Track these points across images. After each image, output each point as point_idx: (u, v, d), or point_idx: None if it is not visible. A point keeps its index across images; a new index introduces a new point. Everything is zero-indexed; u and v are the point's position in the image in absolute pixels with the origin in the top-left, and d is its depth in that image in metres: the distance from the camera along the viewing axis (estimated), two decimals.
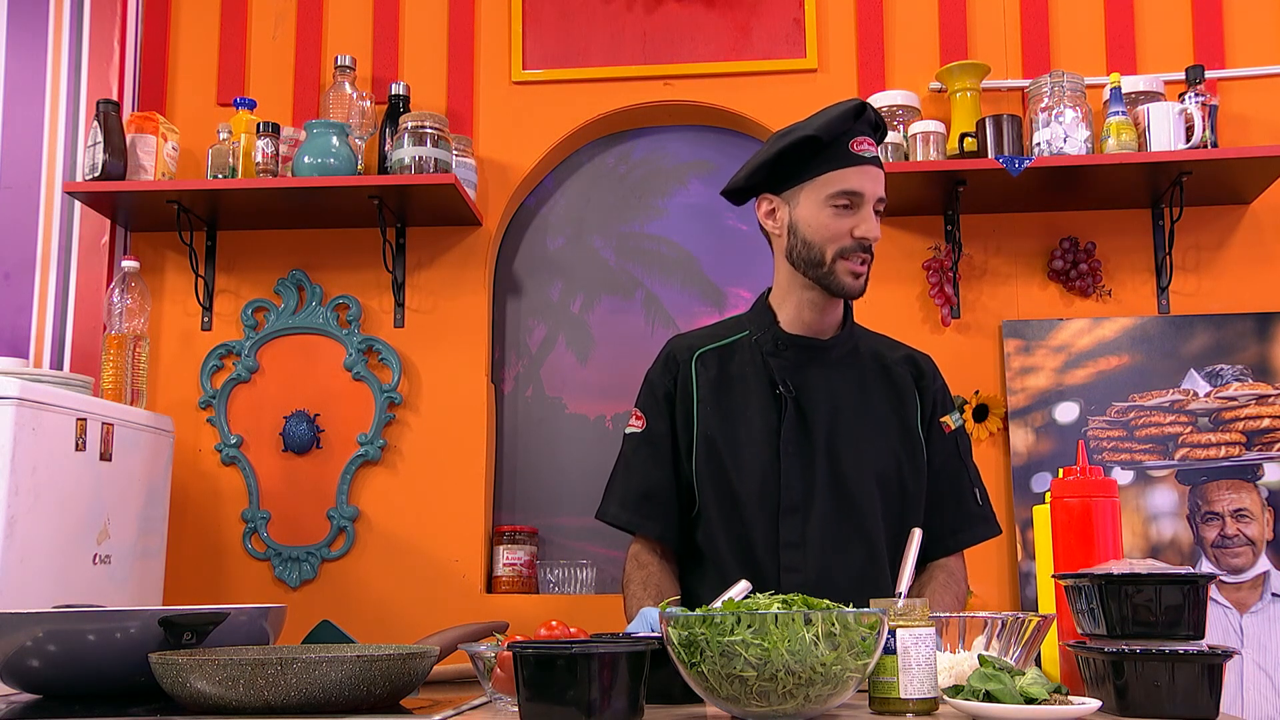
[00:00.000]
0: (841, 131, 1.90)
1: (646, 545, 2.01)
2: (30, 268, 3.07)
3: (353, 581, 2.97)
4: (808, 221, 1.92)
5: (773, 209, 1.97)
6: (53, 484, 2.39)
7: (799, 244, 1.93)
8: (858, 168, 1.90)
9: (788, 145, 1.92)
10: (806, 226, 1.92)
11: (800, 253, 1.94)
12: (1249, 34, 2.95)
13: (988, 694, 1.25)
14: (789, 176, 1.94)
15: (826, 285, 1.93)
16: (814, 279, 1.94)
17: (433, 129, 2.84)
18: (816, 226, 1.91)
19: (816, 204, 1.91)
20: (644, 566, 1.98)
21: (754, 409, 1.96)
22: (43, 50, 3.15)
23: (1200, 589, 1.33)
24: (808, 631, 1.21)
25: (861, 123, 1.92)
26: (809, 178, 1.91)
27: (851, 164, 1.90)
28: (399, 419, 3.03)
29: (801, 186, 1.92)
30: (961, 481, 2.02)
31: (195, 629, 1.47)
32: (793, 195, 1.94)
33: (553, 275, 3.17)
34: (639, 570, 1.97)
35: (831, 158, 1.90)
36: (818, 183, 1.91)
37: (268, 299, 3.09)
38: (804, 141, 1.90)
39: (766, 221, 1.98)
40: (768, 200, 1.98)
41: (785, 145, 1.92)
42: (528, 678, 1.23)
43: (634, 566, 1.99)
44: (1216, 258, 2.91)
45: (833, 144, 1.90)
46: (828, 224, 1.90)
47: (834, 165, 1.90)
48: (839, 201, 1.90)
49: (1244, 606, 2.72)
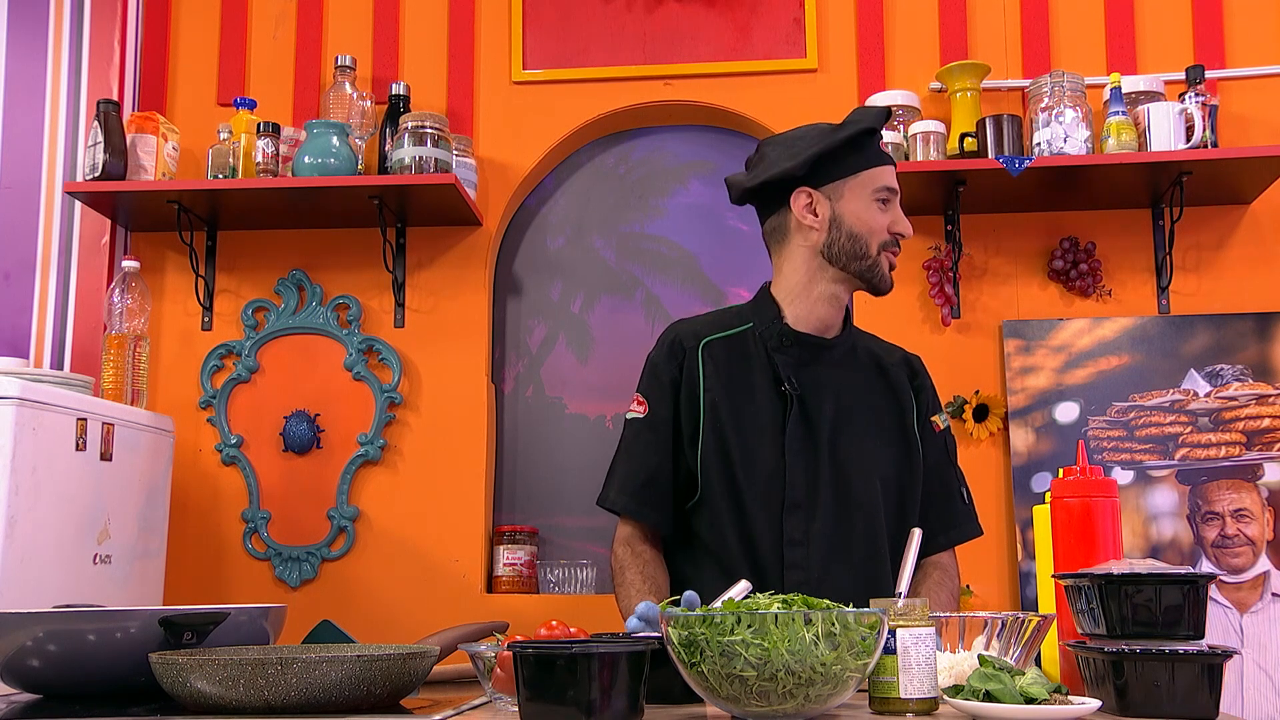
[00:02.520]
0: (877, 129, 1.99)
1: (639, 530, 2.00)
2: (31, 268, 3.07)
3: (353, 581, 2.97)
4: (856, 215, 1.97)
5: (812, 203, 1.99)
6: (53, 484, 2.40)
7: (843, 238, 1.97)
8: (890, 167, 2.00)
9: (848, 136, 1.96)
10: (855, 220, 1.97)
11: (844, 246, 1.97)
12: (1249, 34, 2.95)
13: (988, 694, 1.25)
14: (831, 170, 1.98)
15: (868, 278, 1.99)
16: (855, 272, 1.98)
17: (433, 129, 2.84)
18: (865, 220, 1.97)
19: (864, 199, 1.97)
20: (640, 556, 1.97)
21: (759, 404, 1.96)
22: (43, 50, 3.15)
23: (1200, 589, 1.33)
24: (808, 631, 1.21)
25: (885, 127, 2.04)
26: (853, 172, 1.97)
27: (886, 162, 2.00)
28: (399, 419, 3.03)
29: (845, 181, 1.97)
30: (951, 481, 2.06)
31: (195, 629, 1.47)
32: (835, 190, 1.97)
33: (553, 275, 3.17)
34: (635, 559, 1.97)
35: (871, 155, 1.99)
36: (862, 178, 1.97)
37: (268, 299, 3.09)
38: (863, 134, 1.97)
39: (805, 215, 1.98)
40: (806, 194, 1.98)
41: (845, 136, 1.96)
42: (527, 678, 1.23)
43: (629, 554, 1.98)
44: (1217, 258, 2.91)
45: (872, 141, 1.99)
46: (876, 218, 1.97)
47: (874, 163, 1.99)
48: (881, 196, 1.97)
49: (1244, 606, 2.72)
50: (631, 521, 2.01)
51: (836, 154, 1.97)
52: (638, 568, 1.96)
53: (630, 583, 1.95)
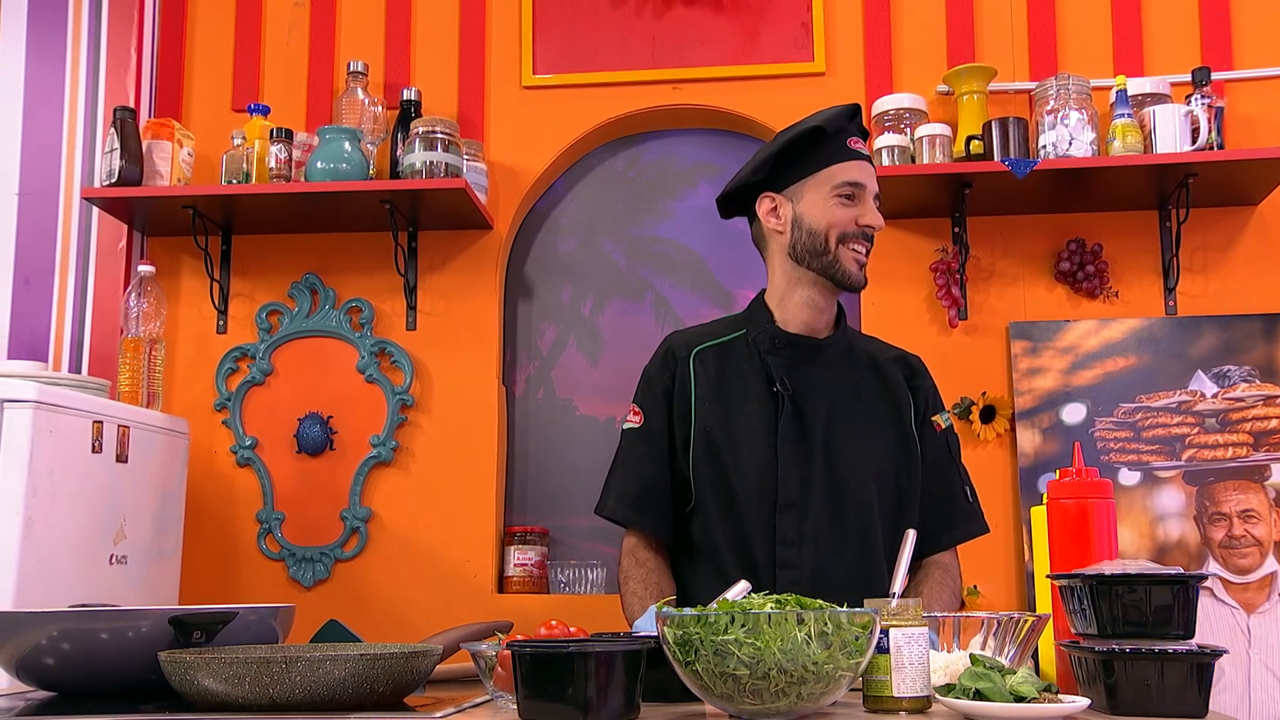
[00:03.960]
0: (839, 129, 1.99)
1: (643, 540, 2.04)
2: (49, 273, 3.12)
3: (366, 582, 3.00)
4: (814, 213, 1.98)
5: (775, 206, 2.03)
6: (70, 485, 2.44)
7: (803, 235, 1.99)
8: (856, 162, 1.99)
9: (795, 136, 1.99)
10: (812, 218, 1.98)
11: (804, 244, 1.99)
12: (1257, 35, 2.95)
13: (978, 692, 1.27)
14: (791, 172, 2.00)
15: (831, 274, 1.98)
16: (818, 269, 1.99)
17: (444, 134, 2.87)
18: (822, 216, 1.97)
19: (822, 196, 1.98)
20: (643, 564, 2.00)
21: (751, 406, 1.99)
22: (61, 59, 3.20)
23: (1190, 589, 1.34)
24: (800, 631, 1.23)
25: (854, 124, 2.02)
26: (811, 172, 1.99)
27: (850, 158, 1.99)
28: (411, 421, 3.06)
29: (804, 181, 1.99)
30: (953, 479, 2.07)
31: (204, 628, 1.50)
32: (795, 191, 2.00)
33: (563, 278, 3.19)
34: (638, 568, 2.00)
35: (832, 153, 1.99)
36: (820, 177, 1.98)
37: (282, 302, 3.13)
38: (810, 132, 1.98)
39: (769, 219, 2.03)
40: (769, 199, 2.03)
41: (792, 136, 1.99)
42: (525, 676, 1.26)
43: (632, 563, 2.01)
44: (1224, 259, 2.91)
45: (832, 139, 1.98)
46: (834, 213, 1.97)
47: (834, 160, 1.98)
48: (842, 192, 1.97)
49: (1251, 607, 2.73)
50: (635, 532, 2.05)
51: (791, 156, 1.99)
52: (640, 576, 2.00)
53: (633, 592, 1.99)
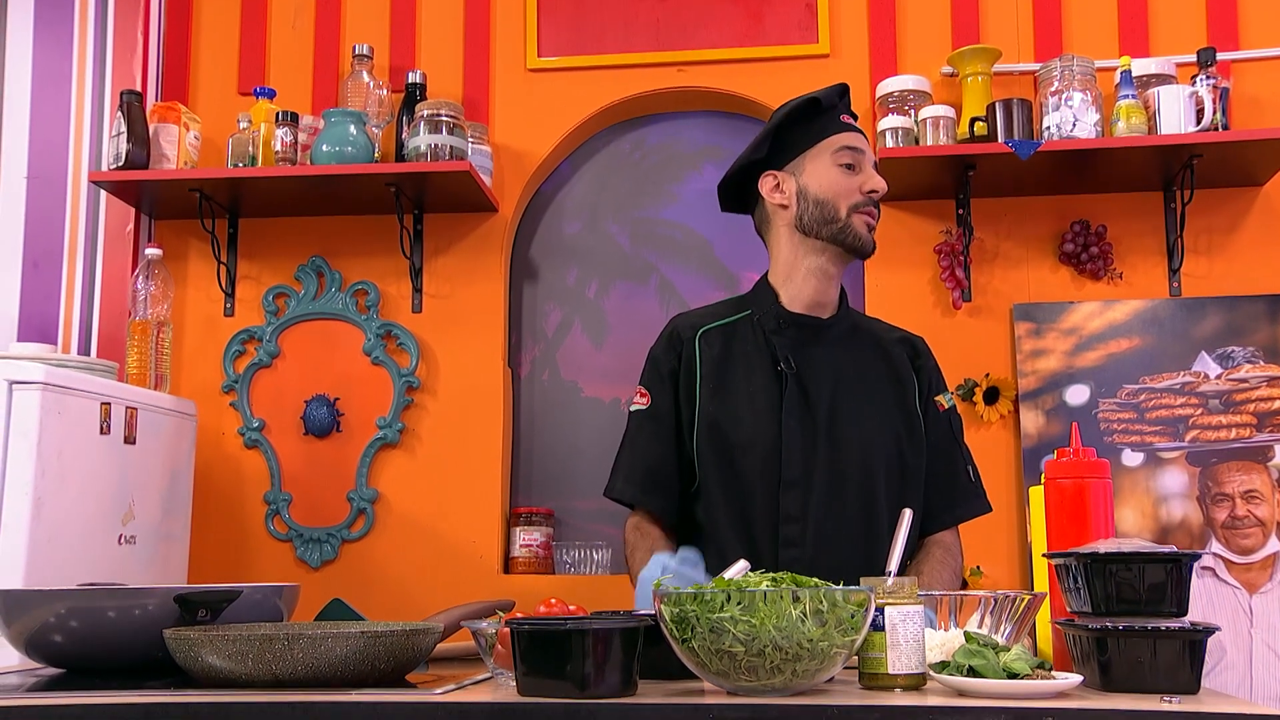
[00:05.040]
0: (831, 104, 2.06)
1: (648, 517, 2.05)
2: (58, 256, 3.14)
3: (372, 562, 3.02)
4: (819, 182, 2.02)
5: (778, 183, 2.07)
6: (79, 467, 2.46)
7: (811, 206, 2.02)
8: (851, 132, 2.05)
9: (791, 110, 2.05)
10: (818, 187, 2.02)
11: (813, 214, 2.02)
12: (1262, 15, 2.94)
13: (972, 669, 1.28)
14: (790, 149, 2.05)
15: (842, 240, 2.01)
16: (828, 237, 2.02)
17: (449, 117, 2.88)
18: (828, 184, 2.01)
19: (824, 165, 2.02)
20: (646, 535, 2.02)
21: (756, 385, 2.00)
22: (68, 43, 3.21)
23: (1183, 567, 1.36)
24: (795, 609, 1.25)
25: (844, 102, 2.08)
26: (809, 145, 2.04)
27: (845, 129, 2.05)
28: (417, 403, 3.08)
29: (804, 155, 2.04)
30: (955, 459, 2.08)
31: (209, 606, 1.52)
32: (796, 165, 2.05)
33: (568, 261, 3.21)
34: (643, 539, 2.01)
35: (827, 125, 2.05)
36: (819, 147, 2.04)
37: (288, 285, 3.15)
38: (806, 105, 2.04)
39: (773, 195, 2.06)
40: (772, 176, 2.07)
41: (789, 110, 2.05)
42: (524, 653, 1.28)
43: (637, 536, 2.03)
44: (1228, 240, 2.91)
45: (826, 113, 2.05)
46: (839, 180, 2.01)
47: (830, 131, 2.04)
48: (844, 159, 2.02)
49: (1254, 587, 2.74)
50: (640, 511, 2.06)
51: (789, 133, 2.04)
52: (645, 545, 2.01)
53: (639, 560, 2.00)
